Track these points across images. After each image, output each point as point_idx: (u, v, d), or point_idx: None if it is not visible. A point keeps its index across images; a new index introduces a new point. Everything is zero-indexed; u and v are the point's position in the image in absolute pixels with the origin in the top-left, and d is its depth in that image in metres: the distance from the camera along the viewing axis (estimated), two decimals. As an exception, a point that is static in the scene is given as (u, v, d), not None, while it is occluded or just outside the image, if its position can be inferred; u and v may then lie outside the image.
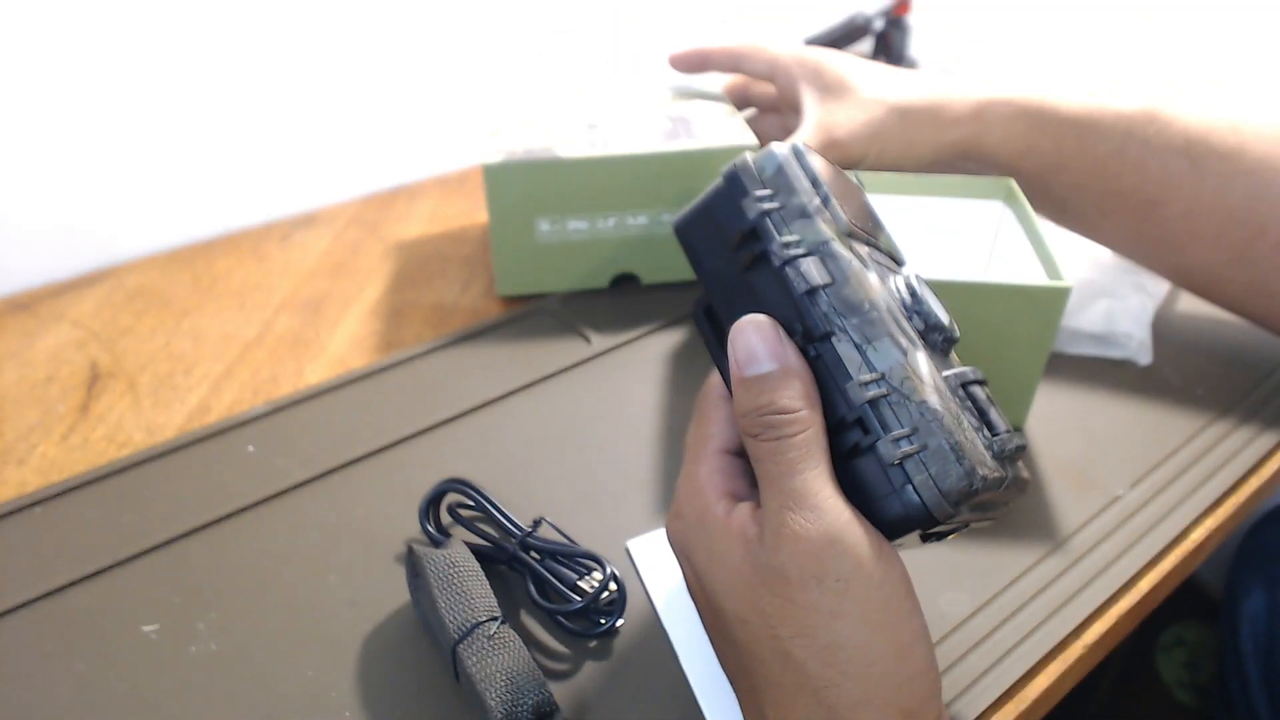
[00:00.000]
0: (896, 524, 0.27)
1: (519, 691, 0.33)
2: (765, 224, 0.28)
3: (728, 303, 0.30)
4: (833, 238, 0.28)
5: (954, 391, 0.28)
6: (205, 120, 0.67)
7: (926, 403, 0.26)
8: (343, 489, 0.46)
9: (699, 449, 0.30)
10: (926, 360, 0.28)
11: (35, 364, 0.56)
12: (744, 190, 0.29)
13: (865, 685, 0.26)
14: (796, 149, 0.30)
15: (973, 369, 0.30)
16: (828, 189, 0.29)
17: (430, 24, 0.75)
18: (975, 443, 0.27)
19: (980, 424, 0.28)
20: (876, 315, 0.27)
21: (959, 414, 0.27)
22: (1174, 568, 0.42)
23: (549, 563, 0.40)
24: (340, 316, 0.60)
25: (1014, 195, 0.50)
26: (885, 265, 0.31)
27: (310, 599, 0.40)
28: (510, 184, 0.55)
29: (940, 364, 0.29)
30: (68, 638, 0.39)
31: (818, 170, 0.30)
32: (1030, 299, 0.43)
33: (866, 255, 0.29)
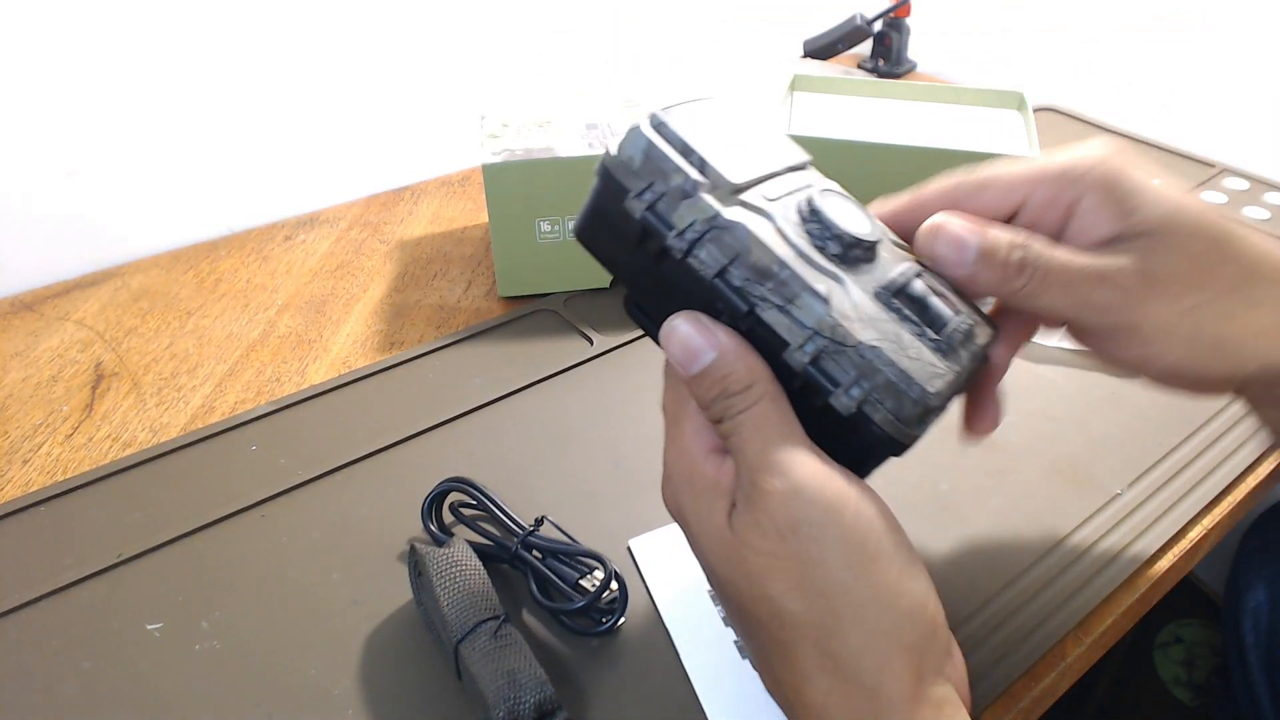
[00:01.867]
0: (870, 461, 0.28)
1: (521, 690, 0.33)
2: (652, 221, 0.28)
3: (650, 294, 0.30)
4: (720, 208, 0.27)
5: (888, 306, 0.28)
6: (209, 121, 0.67)
7: (862, 343, 0.27)
8: (345, 488, 0.46)
9: (678, 410, 0.30)
10: (853, 290, 0.28)
11: (40, 364, 0.56)
12: (622, 189, 0.29)
13: (861, 627, 0.26)
14: (656, 120, 0.28)
15: (905, 265, 0.30)
16: (702, 152, 0.28)
17: (431, 25, 0.75)
18: (922, 355, 0.28)
19: (921, 327, 0.28)
20: (788, 273, 0.27)
21: (898, 332, 0.28)
22: (1172, 566, 0.43)
23: (551, 561, 0.40)
24: (343, 316, 0.60)
25: (1024, 105, 0.57)
26: (789, 194, 0.30)
27: (313, 597, 0.40)
28: (510, 184, 0.55)
29: (868, 280, 0.29)
30: (73, 636, 0.39)
31: (686, 134, 0.28)
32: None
33: (764, 202, 0.28)
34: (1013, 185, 0.31)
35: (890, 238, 0.32)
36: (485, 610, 0.36)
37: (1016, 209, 0.32)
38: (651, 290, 0.30)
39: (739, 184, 0.28)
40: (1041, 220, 0.31)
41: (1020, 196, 0.31)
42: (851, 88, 0.68)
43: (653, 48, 0.88)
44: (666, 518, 0.44)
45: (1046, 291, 0.30)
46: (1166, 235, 0.30)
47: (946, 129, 0.61)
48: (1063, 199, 0.31)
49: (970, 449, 0.48)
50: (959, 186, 0.32)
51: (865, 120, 0.64)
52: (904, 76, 0.98)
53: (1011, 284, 0.30)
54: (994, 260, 0.30)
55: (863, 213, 0.30)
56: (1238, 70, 0.79)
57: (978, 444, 0.34)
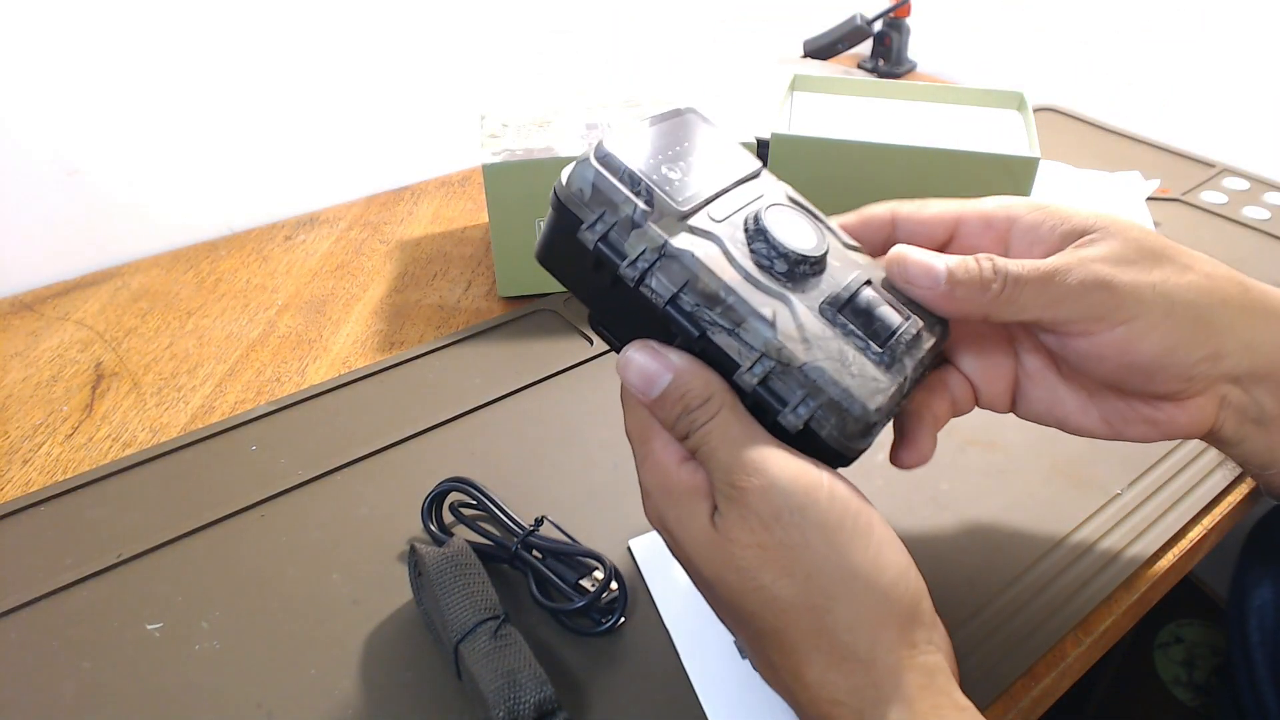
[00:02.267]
0: (831, 464, 0.29)
1: (521, 690, 0.33)
2: (604, 251, 0.29)
3: (611, 314, 0.32)
4: (667, 237, 0.29)
5: (833, 322, 0.29)
6: (210, 121, 0.68)
7: (806, 365, 0.28)
8: (345, 488, 0.46)
9: (644, 431, 0.31)
10: (798, 308, 0.29)
11: (40, 364, 0.56)
12: (575, 220, 0.30)
13: (851, 603, 0.27)
14: (601, 152, 0.29)
15: (854, 274, 0.31)
16: (648, 179, 0.29)
17: (431, 25, 0.75)
18: (865, 371, 0.29)
19: (865, 340, 0.30)
20: (734, 298, 0.28)
21: (842, 349, 0.29)
22: (1171, 566, 0.43)
23: (550, 561, 0.40)
24: (343, 316, 0.60)
25: (1024, 105, 0.58)
26: (738, 210, 0.31)
27: (313, 597, 0.40)
28: (510, 184, 0.55)
29: (815, 294, 0.30)
30: (73, 636, 0.39)
31: (631, 163, 0.29)
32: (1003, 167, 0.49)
33: (711, 224, 0.30)
34: (943, 218, 0.34)
35: (842, 239, 0.33)
36: (485, 610, 0.36)
37: (949, 238, 0.35)
38: (612, 311, 0.31)
39: (685, 210, 0.29)
40: (978, 247, 0.34)
41: (951, 227, 0.34)
42: (851, 88, 0.68)
43: (653, 48, 0.88)
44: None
45: (1022, 292, 0.31)
46: (1108, 229, 0.32)
47: (946, 129, 0.61)
48: (997, 222, 0.33)
49: (970, 449, 0.48)
50: (896, 213, 0.35)
51: (865, 120, 0.64)
52: (904, 76, 0.98)
53: (987, 292, 0.31)
54: (967, 274, 0.31)
55: (809, 223, 0.32)
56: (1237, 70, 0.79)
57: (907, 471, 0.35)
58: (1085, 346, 0.32)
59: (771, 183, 0.33)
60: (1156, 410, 0.35)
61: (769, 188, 0.33)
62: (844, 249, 0.33)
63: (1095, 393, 0.36)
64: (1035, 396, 0.37)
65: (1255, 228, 0.69)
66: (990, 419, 0.50)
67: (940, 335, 0.32)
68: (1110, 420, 0.36)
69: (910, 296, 0.32)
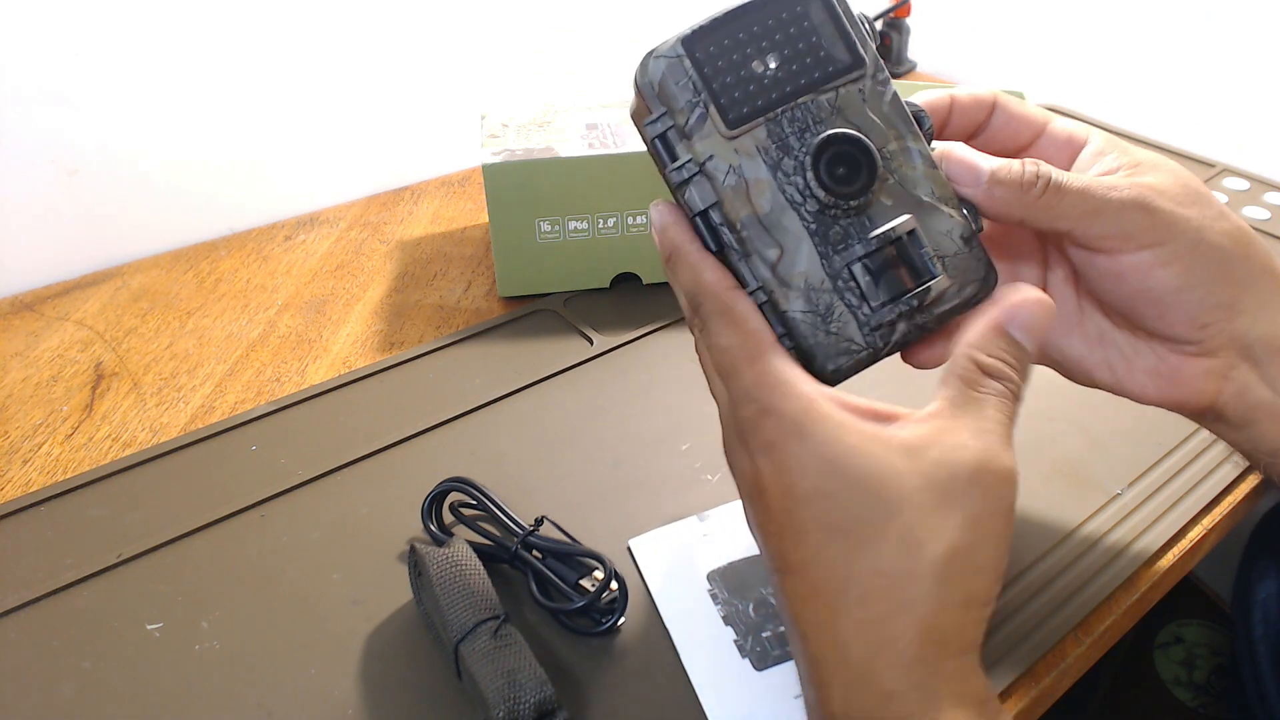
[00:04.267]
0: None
1: (521, 690, 0.33)
2: (658, 148, 0.30)
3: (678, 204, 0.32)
4: (710, 153, 0.29)
5: (838, 275, 0.29)
6: (209, 121, 0.68)
7: (788, 312, 0.29)
8: (345, 488, 0.46)
9: (759, 342, 0.28)
10: (806, 256, 0.29)
11: (40, 364, 0.56)
12: (643, 108, 0.30)
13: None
14: (674, 52, 0.29)
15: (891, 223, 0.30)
16: (713, 87, 0.29)
17: (431, 25, 0.75)
18: (844, 331, 0.29)
19: (861, 300, 0.29)
20: (750, 232, 0.29)
21: (831, 304, 0.29)
22: (1172, 566, 0.43)
23: (550, 561, 0.40)
24: (343, 316, 0.60)
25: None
26: (795, 132, 0.30)
27: (313, 597, 0.40)
28: (510, 184, 0.55)
29: (835, 240, 0.29)
30: (73, 636, 0.39)
31: (704, 63, 0.29)
32: None
33: (757, 148, 0.29)
34: (1033, 120, 0.35)
35: (922, 165, 0.31)
36: (485, 610, 0.36)
37: (1032, 141, 0.35)
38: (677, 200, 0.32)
39: (734, 132, 0.29)
40: (1048, 158, 0.34)
41: (1038, 130, 0.35)
42: (851, 88, 0.67)
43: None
44: (666, 518, 0.44)
45: (1062, 199, 0.31)
46: (1159, 167, 0.33)
47: None
48: (1075, 141, 0.34)
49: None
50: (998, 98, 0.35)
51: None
52: (904, 76, 0.98)
53: (1027, 196, 0.31)
54: (1009, 175, 0.31)
55: (865, 156, 0.30)
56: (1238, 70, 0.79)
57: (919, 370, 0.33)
58: (1108, 264, 0.32)
59: (864, 87, 0.30)
60: (1161, 361, 0.34)
61: (852, 97, 0.30)
62: (923, 176, 0.30)
63: (1105, 330, 0.36)
64: None
65: (1255, 228, 0.69)
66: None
67: (974, 292, 0.31)
68: (1114, 365, 0.36)
69: (956, 193, 0.31)
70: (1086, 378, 0.37)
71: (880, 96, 0.30)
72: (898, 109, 0.31)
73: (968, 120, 0.35)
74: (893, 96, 0.30)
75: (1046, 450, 0.48)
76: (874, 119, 0.30)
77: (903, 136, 0.30)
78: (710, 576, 0.41)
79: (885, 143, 0.30)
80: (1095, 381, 0.37)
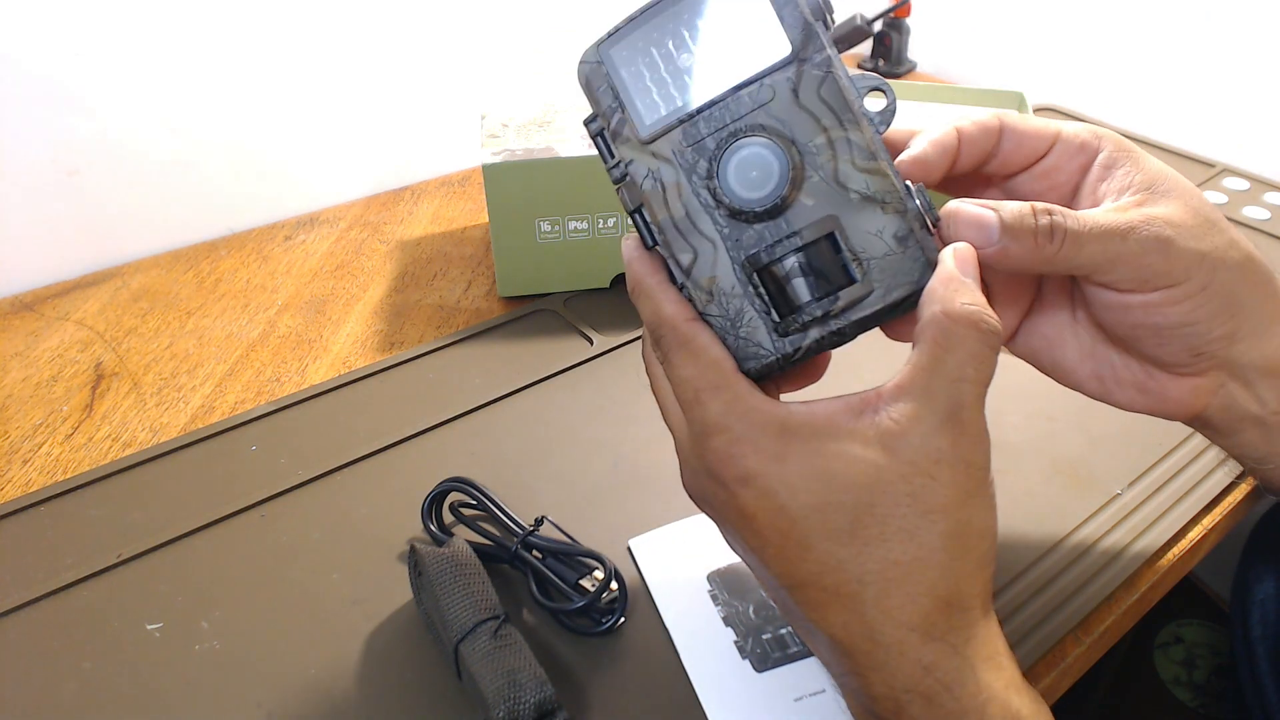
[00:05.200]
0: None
1: (521, 690, 0.33)
2: (600, 145, 0.30)
3: None
4: (631, 158, 0.29)
5: (747, 281, 0.29)
6: (209, 121, 0.67)
7: (704, 314, 0.29)
8: (345, 488, 0.46)
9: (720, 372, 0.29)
10: (719, 260, 0.29)
11: (40, 364, 0.56)
12: (589, 110, 0.31)
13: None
14: (595, 57, 0.30)
15: (801, 226, 0.29)
16: (630, 92, 0.29)
17: (431, 25, 0.75)
18: (753, 336, 0.29)
19: (769, 306, 0.29)
20: (670, 233, 0.29)
21: (741, 309, 0.29)
22: (1172, 566, 0.43)
23: (550, 561, 0.40)
24: (343, 316, 0.60)
25: (1024, 105, 0.56)
26: (713, 133, 0.29)
27: (313, 597, 0.40)
28: (510, 184, 0.55)
29: (748, 245, 0.29)
30: (73, 636, 0.39)
31: (622, 70, 0.29)
32: None
33: (674, 152, 0.29)
34: (1044, 133, 0.33)
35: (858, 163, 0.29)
36: (485, 610, 0.36)
37: (1047, 153, 0.34)
38: None
39: (650, 136, 0.29)
40: (1061, 169, 0.33)
41: (1051, 142, 0.33)
42: (851, 88, 0.67)
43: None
44: (666, 518, 0.44)
45: (1080, 252, 0.30)
46: (1173, 190, 0.32)
47: None
48: (1089, 149, 0.33)
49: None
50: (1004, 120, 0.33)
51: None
52: (904, 76, 0.98)
53: (1045, 250, 0.30)
54: (1022, 230, 0.29)
55: (784, 156, 0.29)
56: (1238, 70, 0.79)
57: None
58: (1116, 299, 0.32)
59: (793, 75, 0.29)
60: (1150, 378, 0.34)
61: (779, 88, 0.29)
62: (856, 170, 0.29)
63: (1098, 344, 0.35)
64: (1041, 332, 0.36)
65: (1255, 228, 0.69)
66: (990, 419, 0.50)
67: (903, 296, 0.29)
68: (1103, 377, 0.36)
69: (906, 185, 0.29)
70: (1073, 385, 0.37)
71: (815, 83, 0.28)
72: (835, 95, 0.28)
73: (978, 150, 0.33)
74: (829, 81, 0.28)
75: (1046, 450, 0.48)
76: (803, 111, 0.28)
77: (839, 126, 0.28)
78: (710, 577, 0.41)
79: (812, 137, 0.28)
80: (1082, 389, 0.37)
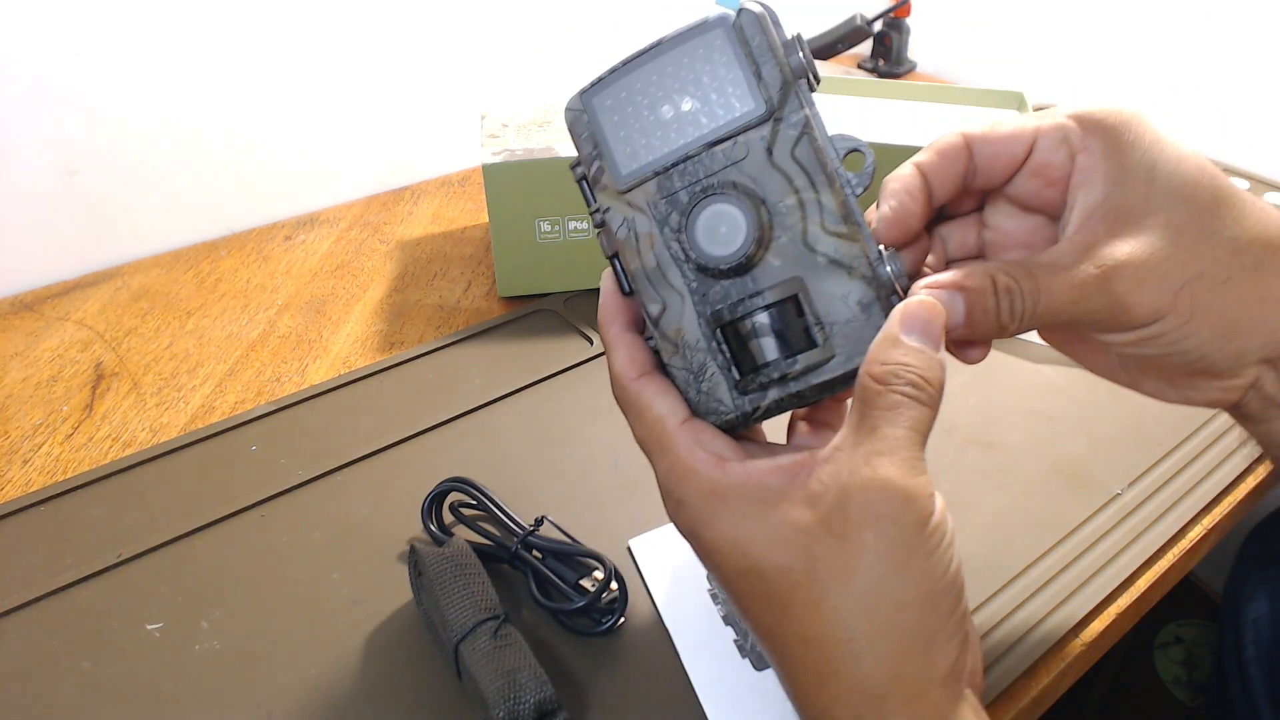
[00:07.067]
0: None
1: (521, 689, 0.33)
2: (584, 190, 0.30)
3: None
4: (608, 205, 0.30)
5: (710, 336, 0.29)
6: (209, 121, 0.67)
7: (668, 365, 0.30)
8: (345, 488, 0.46)
9: (661, 433, 0.29)
10: (686, 314, 0.29)
11: (40, 364, 0.56)
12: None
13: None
14: (578, 104, 0.29)
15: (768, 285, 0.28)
16: (608, 142, 0.29)
17: (431, 25, 0.75)
18: (714, 392, 0.29)
19: (730, 363, 0.29)
20: (636, 286, 0.30)
21: (704, 364, 0.29)
22: (1172, 566, 0.43)
23: (551, 561, 0.40)
24: (343, 316, 0.60)
25: (1024, 105, 0.56)
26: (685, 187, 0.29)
27: (313, 597, 0.40)
28: (510, 184, 0.55)
29: (714, 300, 0.29)
30: (73, 636, 0.39)
31: (601, 119, 0.29)
32: None
33: (647, 203, 0.29)
34: (1019, 135, 0.31)
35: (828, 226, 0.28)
36: (485, 610, 0.36)
37: (1027, 155, 0.31)
38: None
39: (627, 186, 0.29)
40: (1051, 164, 0.31)
41: (1028, 144, 0.31)
42: (851, 88, 0.68)
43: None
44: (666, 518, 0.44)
45: (1039, 320, 0.29)
46: (1146, 210, 0.29)
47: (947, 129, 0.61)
48: (1072, 138, 0.31)
49: (970, 449, 0.48)
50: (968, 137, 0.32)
51: (865, 120, 0.64)
52: (904, 76, 0.98)
53: (1008, 330, 0.29)
54: (985, 317, 0.29)
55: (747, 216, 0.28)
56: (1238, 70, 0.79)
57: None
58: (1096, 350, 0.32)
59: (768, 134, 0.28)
60: (1179, 375, 0.33)
61: (753, 146, 0.28)
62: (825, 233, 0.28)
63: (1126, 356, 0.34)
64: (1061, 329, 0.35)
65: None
66: (990, 419, 0.50)
67: (853, 369, 0.29)
68: (1129, 369, 0.34)
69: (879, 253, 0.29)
70: (1099, 374, 0.36)
71: (790, 143, 0.28)
72: (809, 156, 0.28)
73: (949, 174, 0.32)
74: (804, 142, 0.28)
75: (1046, 450, 0.48)
76: (775, 171, 0.28)
77: (811, 188, 0.28)
78: (710, 577, 0.41)
79: (783, 197, 0.28)
80: (1108, 377, 0.35)
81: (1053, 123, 0.31)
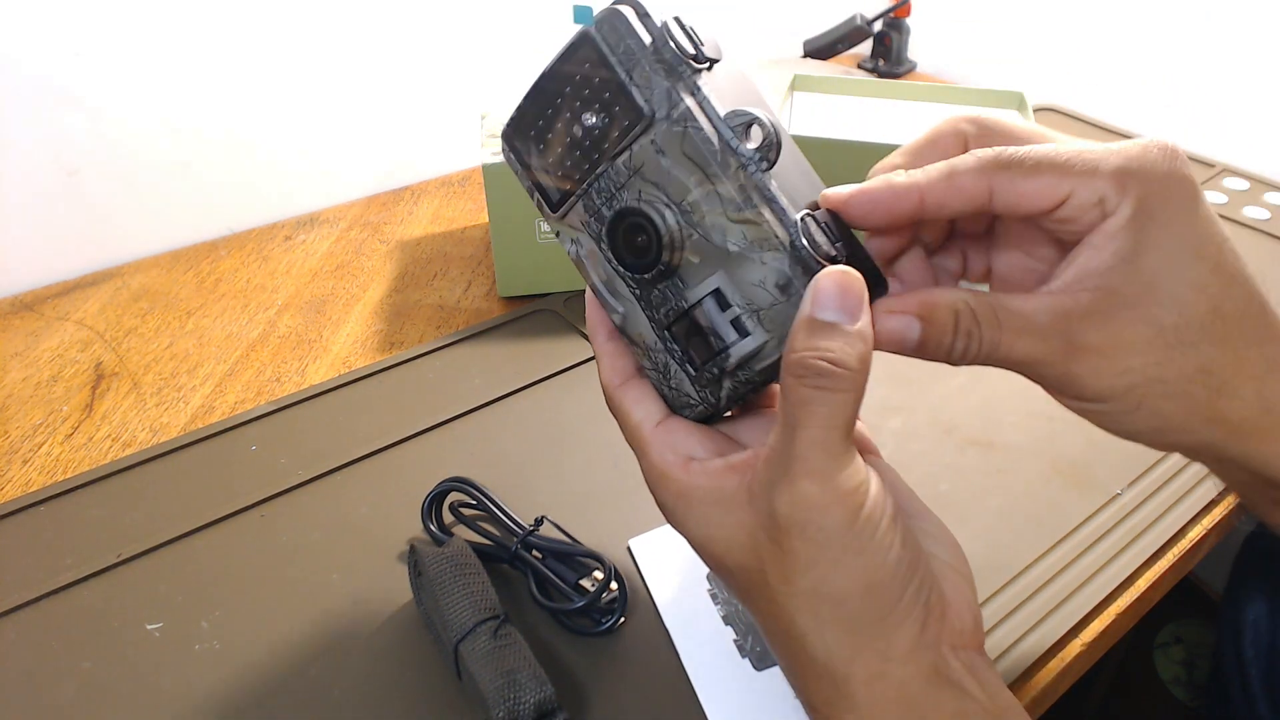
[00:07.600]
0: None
1: (521, 690, 0.33)
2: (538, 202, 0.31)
3: None
4: (556, 229, 0.31)
5: (665, 333, 0.30)
6: (209, 121, 0.67)
7: (643, 367, 0.31)
8: (345, 488, 0.46)
9: (639, 438, 0.31)
10: (639, 318, 0.30)
11: (40, 364, 0.56)
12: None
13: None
14: (502, 143, 0.31)
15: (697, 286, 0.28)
16: (532, 178, 0.30)
17: (431, 25, 0.75)
18: (681, 387, 0.30)
19: (684, 358, 0.30)
20: (601, 298, 0.31)
21: (667, 362, 0.30)
22: (1171, 566, 0.43)
23: (550, 561, 0.40)
24: (343, 316, 0.60)
25: (1024, 105, 0.57)
26: (603, 204, 0.29)
27: (313, 597, 0.40)
28: (510, 184, 0.55)
29: (658, 303, 0.29)
30: (73, 636, 0.39)
31: (523, 153, 0.30)
32: None
33: (583, 224, 0.30)
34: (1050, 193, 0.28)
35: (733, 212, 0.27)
36: (485, 610, 0.36)
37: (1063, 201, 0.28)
38: None
39: (560, 212, 0.30)
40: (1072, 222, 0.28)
41: (1069, 190, 0.28)
42: (851, 88, 0.68)
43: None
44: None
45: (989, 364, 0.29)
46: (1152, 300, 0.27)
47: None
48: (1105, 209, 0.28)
49: (970, 449, 0.48)
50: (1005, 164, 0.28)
51: (865, 120, 0.64)
52: (904, 76, 0.98)
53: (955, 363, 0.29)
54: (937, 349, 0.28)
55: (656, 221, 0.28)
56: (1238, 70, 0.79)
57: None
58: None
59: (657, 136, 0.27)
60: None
61: (646, 151, 0.28)
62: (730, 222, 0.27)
63: None
64: None
65: (1255, 228, 0.69)
66: (990, 419, 0.50)
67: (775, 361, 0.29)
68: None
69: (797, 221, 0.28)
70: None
71: (677, 140, 0.27)
72: (696, 148, 0.27)
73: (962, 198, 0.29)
74: (688, 135, 0.27)
75: (1046, 450, 0.48)
76: (671, 170, 0.27)
77: (706, 180, 0.27)
78: (710, 577, 0.41)
79: (684, 195, 0.27)
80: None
81: (1089, 183, 0.28)
